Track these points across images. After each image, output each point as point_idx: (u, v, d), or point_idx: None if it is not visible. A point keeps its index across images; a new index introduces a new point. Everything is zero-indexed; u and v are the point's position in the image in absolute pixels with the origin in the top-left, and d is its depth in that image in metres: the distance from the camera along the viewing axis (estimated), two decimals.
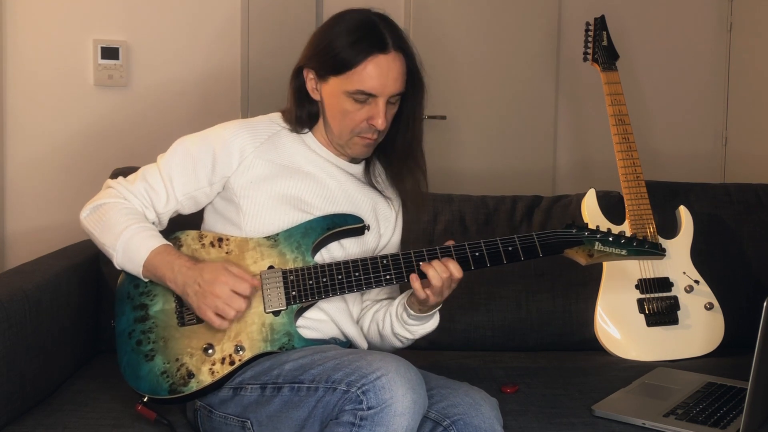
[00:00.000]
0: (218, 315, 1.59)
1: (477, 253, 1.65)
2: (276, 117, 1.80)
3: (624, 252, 1.70)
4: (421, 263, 1.62)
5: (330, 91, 1.69)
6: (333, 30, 1.68)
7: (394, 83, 1.67)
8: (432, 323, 1.75)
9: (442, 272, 1.61)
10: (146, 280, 1.67)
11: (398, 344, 1.78)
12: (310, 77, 1.72)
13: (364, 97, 1.66)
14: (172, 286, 1.62)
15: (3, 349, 1.61)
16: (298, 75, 1.74)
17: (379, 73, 1.64)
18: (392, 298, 1.84)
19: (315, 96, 1.73)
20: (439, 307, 1.73)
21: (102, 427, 1.65)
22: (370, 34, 1.65)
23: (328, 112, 1.71)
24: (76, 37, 2.86)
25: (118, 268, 1.69)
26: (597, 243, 1.69)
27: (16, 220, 2.85)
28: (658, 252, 1.74)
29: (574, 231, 1.70)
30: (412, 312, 1.70)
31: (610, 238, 1.70)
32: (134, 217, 1.68)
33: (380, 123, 1.67)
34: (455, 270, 1.62)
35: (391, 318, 1.75)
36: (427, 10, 3.36)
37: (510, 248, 1.66)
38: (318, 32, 1.72)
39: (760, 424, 1.66)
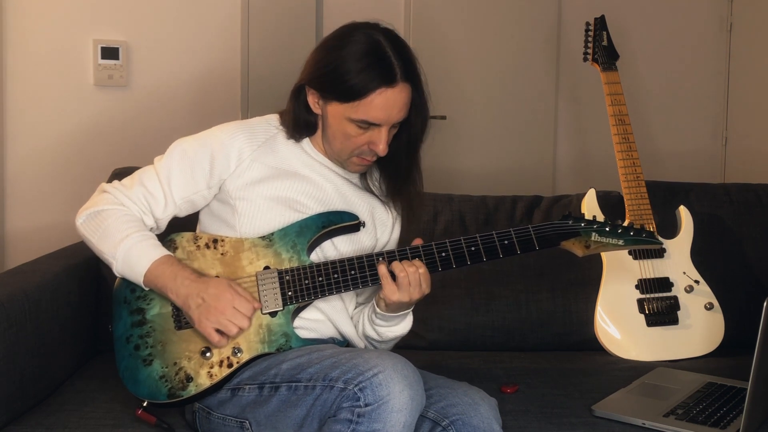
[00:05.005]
0: (218, 331, 1.58)
1: (473, 248, 1.65)
2: (273, 119, 1.79)
3: (621, 242, 1.68)
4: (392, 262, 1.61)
5: (333, 113, 1.67)
6: (339, 53, 1.64)
7: (398, 113, 1.66)
8: (403, 326, 1.72)
9: (407, 266, 1.60)
10: (147, 289, 1.67)
11: (370, 348, 1.75)
12: (311, 92, 1.70)
13: (367, 125, 1.65)
14: (172, 296, 1.61)
15: (3, 349, 1.61)
16: (299, 91, 1.72)
17: (384, 106, 1.63)
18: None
19: (316, 110, 1.72)
20: (409, 310, 1.70)
21: (102, 427, 1.65)
22: (379, 64, 1.62)
23: (329, 130, 1.70)
24: (76, 37, 2.86)
25: (118, 275, 1.68)
26: (594, 234, 1.68)
27: (16, 219, 2.85)
28: (656, 240, 1.72)
29: (570, 222, 1.69)
30: (378, 310, 1.67)
31: (607, 228, 1.68)
32: (134, 225, 1.67)
33: (381, 150, 1.67)
34: (420, 264, 1.60)
35: (363, 319, 1.73)
36: (427, 10, 3.36)
37: (506, 242, 1.65)
38: (322, 51, 1.68)
39: (760, 424, 1.66)
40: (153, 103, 2.93)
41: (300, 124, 1.74)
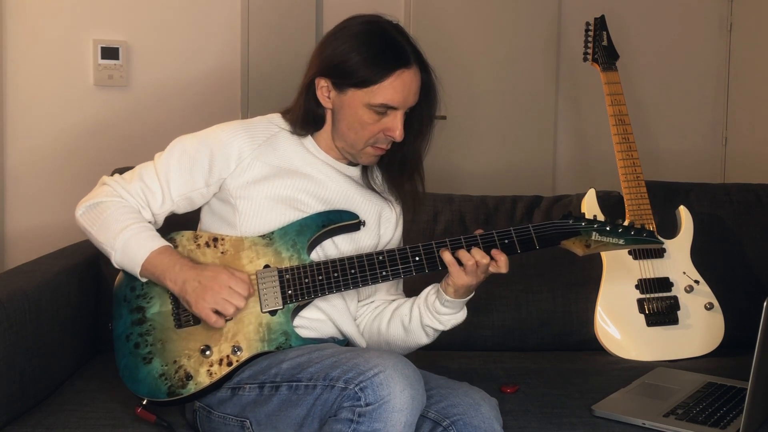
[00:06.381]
0: (216, 312, 1.59)
1: (473, 247, 1.65)
2: (275, 118, 1.80)
3: (621, 241, 1.68)
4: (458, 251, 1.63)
5: (348, 103, 1.68)
6: (348, 42, 1.66)
7: (414, 96, 1.69)
8: (462, 314, 1.74)
9: (474, 252, 1.62)
10: (143, 280, 1.67)
11: (424, 339, 1.76)
12: (322, 85, 1.70)
13: (384, 109, 1.66)
14: (170, 284, 1.61)
15: (3, 349, 1.61)
16: (310, 85, 1.72)
17: (403, 88, 1.65)
18: (400, 296, 1.84)
19: (326, 104, 1.72)
20: (469, 297, 1.72)
21: (102, 427, 1.65)
22: (393, 48, 1.65)
23: (343, 122, 1.70)
24: (76, 37, 2.86)
25: (116, 266, 1.68)
26: (594, 233, 1.68)
27: (16, 219, 2.85)
28: (656, 240, 1.72)
29: (570, 221, 1.69)
30: (447, 298, 1.68)
31: (608, 228, 1.69)
32: (133, 216, 1.68)
33: (398, 135, 1.68)
34: (480, 256, 1.62)
35: (419, 309, 1.73)
36: (427, 10, 3.36)
37: (506, 241, 1.65)
38: (330, 42, 1.70)
39: (760, 424, 1.66)
40: (153, 103, 2.93)
41: (309, 119, 1.74)
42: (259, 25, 3.05)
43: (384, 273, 1.64)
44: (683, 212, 2.30)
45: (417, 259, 1.65)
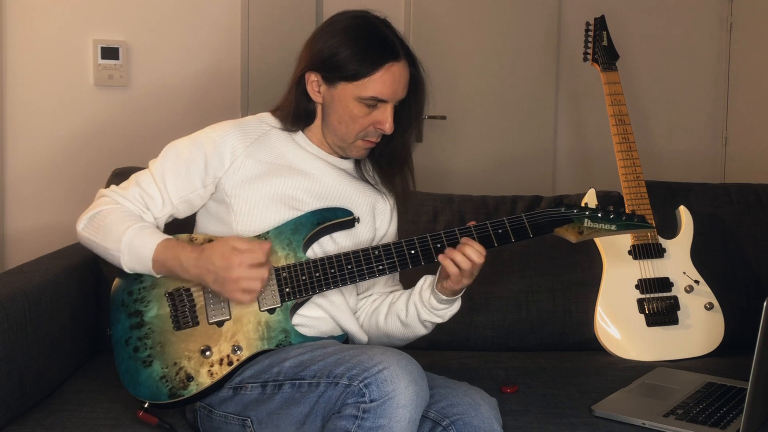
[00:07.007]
0: (245, 291, 1.57)
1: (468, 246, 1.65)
2: (266, 116, 1.81)
3: (613, 227, 1.70)
4: (447, 249, 1.64)
5: (338, 96, 1.69)
6: (338, 36, 1.68)
7: (403, 90, 1.70)
8: (458, 304, 1.76)
9: (470, 254, 1.62)
10: (158, 276, 1.66)
11: (423, 331, 1.78)
12: (312, 80, 1.72)
13: (374, 102, 1.67)
14: (187, 278, 1.62)
15: (3, 349, 1.61)
16: (300, 80, 1.74)
17: (392, 81, 1.67)
18: (397, 288, 1.85)
19: (317, 99, 1.74)
20: (464, 290, 1.73)
21: (102, 427, 1.65)
22: (382, 41, 1.67)
23: (333, 115, 1.72)
24: (76, 37, 2.86)
25: (128, 270, 1.67)
26: (586, 220, 1.70)
27: (16, 220, 2.85)
28: (647, 224, 1.74)
29: (562, 209, 1.70)
30: (443, 297, 1.70)
31: (599, 214, 1.70)
32: (132, 218, 1.67)
33: (388, 128, 1.69)
34: (474, 255, 1.63)
35: (416, 306, 1.74)
36: (427, 10, 3.36)
37: (500, 230, 1.66)
38: (319, 37, 1.71)
39: (760, 424, 1.66)
40: (153, 103, 2.93)
41: (300, 113, 1.75)
42: (258, 24, 3.05)
43: (380, 267, 1.65)
44: (683, 212, 2.30)
45: (413, 252, 1.65)
